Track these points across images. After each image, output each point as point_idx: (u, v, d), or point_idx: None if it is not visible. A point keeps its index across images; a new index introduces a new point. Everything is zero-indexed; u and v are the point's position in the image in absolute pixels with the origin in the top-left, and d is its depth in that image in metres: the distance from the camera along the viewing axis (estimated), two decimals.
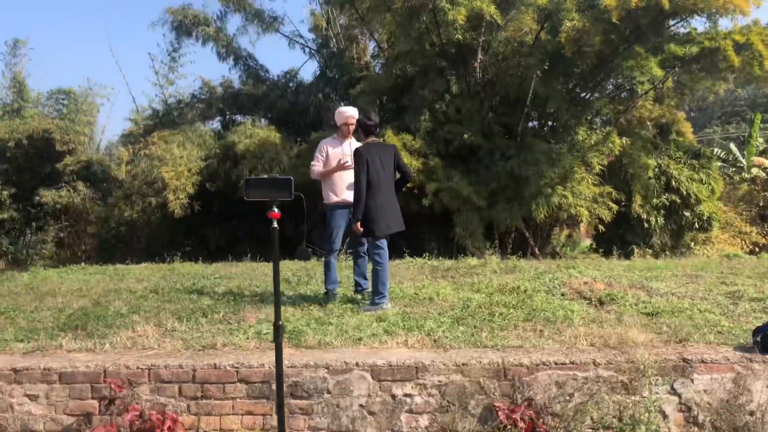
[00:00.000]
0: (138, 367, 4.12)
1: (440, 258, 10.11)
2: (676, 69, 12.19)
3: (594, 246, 14.59)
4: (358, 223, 5.46)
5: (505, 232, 13.14)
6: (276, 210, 3.52)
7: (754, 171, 19.38)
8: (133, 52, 60.46)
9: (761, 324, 4.44)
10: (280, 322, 3.53)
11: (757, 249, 15.04)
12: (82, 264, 9.55)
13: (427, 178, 12.38)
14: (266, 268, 8.89)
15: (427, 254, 9.83)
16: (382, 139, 10.83)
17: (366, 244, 5.87)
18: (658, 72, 11.71)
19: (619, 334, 4.55)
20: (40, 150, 15.81)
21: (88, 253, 14.51)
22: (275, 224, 3.54)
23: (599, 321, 5.10)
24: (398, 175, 5.79)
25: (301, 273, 7.66)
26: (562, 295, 6.09)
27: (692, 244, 13.74)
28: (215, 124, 15.85)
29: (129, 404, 4.00)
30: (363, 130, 5.65)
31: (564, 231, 14.60)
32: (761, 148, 21.51)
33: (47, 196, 14.35)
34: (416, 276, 7.27)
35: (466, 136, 12.61)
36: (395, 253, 10.50)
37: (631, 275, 7.29)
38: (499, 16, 12.16)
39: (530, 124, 14.08)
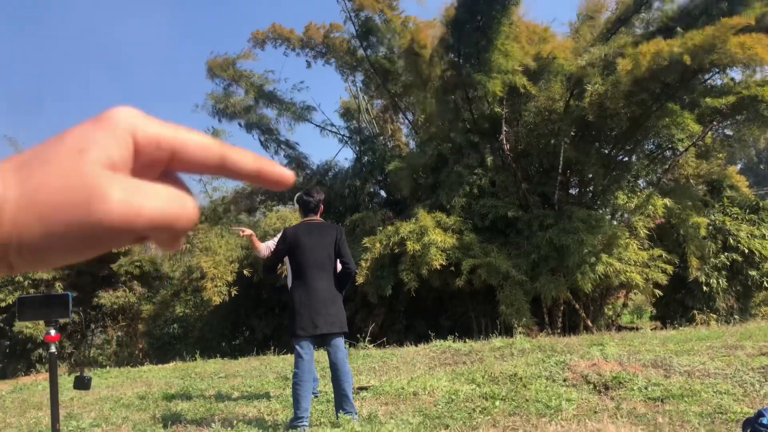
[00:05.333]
0: None
1: (474, 339, 9.69)
2: (715, 122, 11.55)
3: (655, 313, 13.57)
4: None
5: (553, 305, 12.47)
6: (53, 333, 2.97)
7: None
8: None
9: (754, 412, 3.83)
10: None
11: None
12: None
13: (463, 255, 12.09)
14: (280, 362, 8.83)
15: (453, 336, 9.42)
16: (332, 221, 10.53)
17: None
18: (696, 127, 11.12)
19: None
20: None
21: (145, 352, 14.94)
22: (53, 349, 3.03)
23: (592, 412, 4.61)
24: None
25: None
26: (564, 380, 5.59)
27: (763, 305, 12.49)
28: (258, 216, 16.19)
29: None
30: (301, 208, 4.84)
31: (620, 299, 13.69)
32: None
33: (105, 297, 15.07)
34: (421, 365, 6.95)
35: (501, 209, 12.39)
36: (423, 337, 10.20)
37: (660, 350, 6.66)
38: (532, 86, 12.14)
39: (570, 191, 13.64)
